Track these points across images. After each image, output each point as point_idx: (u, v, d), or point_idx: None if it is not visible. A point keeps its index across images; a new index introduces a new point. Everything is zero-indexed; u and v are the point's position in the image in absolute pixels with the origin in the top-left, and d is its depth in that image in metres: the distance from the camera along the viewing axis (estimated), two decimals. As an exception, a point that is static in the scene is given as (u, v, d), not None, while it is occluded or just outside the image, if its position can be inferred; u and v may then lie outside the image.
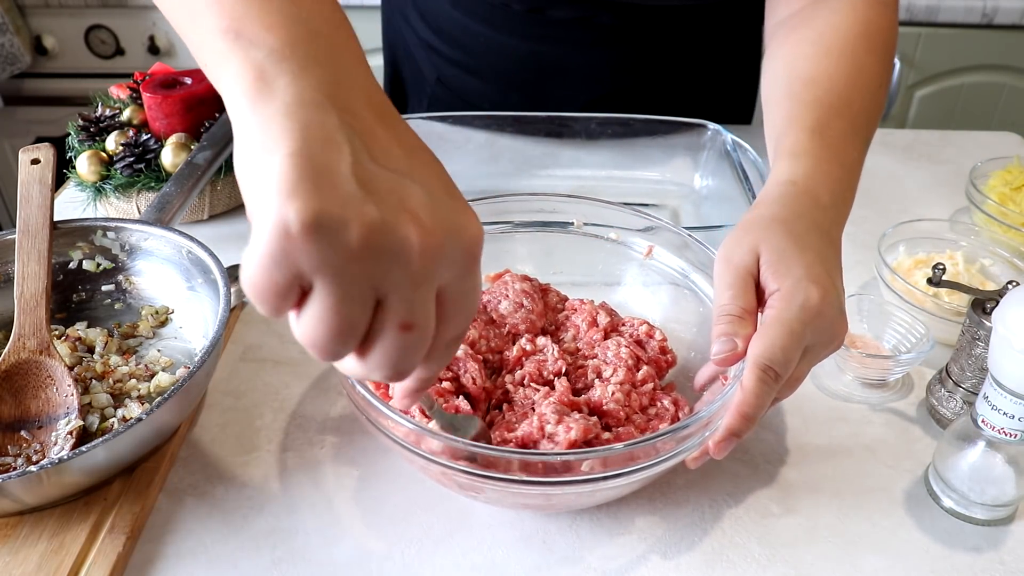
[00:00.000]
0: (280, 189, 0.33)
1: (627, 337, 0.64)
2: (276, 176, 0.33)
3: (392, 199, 0.35)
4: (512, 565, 0.55)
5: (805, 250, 0.54)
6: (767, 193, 0.60)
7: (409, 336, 0.36)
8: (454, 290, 0.38)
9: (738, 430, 0.51)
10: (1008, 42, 1.83)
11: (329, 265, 0.33)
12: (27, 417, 0.61)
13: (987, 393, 0.55)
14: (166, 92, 0.88)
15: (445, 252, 0.36)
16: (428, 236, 0.35)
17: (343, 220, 0.33)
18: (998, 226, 0.85)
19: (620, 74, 1.00)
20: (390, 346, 0.36)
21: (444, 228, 0.36)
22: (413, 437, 0.50)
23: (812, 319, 0.51)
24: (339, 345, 0.36)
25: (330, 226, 0.33)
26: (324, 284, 0.34)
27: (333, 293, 0.34)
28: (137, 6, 1.89)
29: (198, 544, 0.56)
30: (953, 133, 1.12)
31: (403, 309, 0.36)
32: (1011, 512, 0.58)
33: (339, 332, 0.35)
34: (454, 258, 0.37)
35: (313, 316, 0.35)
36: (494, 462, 0.49)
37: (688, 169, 0.93)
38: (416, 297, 0.36)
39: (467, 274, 0.38)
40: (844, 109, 0.65)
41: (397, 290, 0.35)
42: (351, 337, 0.36)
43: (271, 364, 0.71)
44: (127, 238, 0.72)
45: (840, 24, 0.70)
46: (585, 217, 0.70)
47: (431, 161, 0.39)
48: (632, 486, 0.54)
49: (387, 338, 0.36)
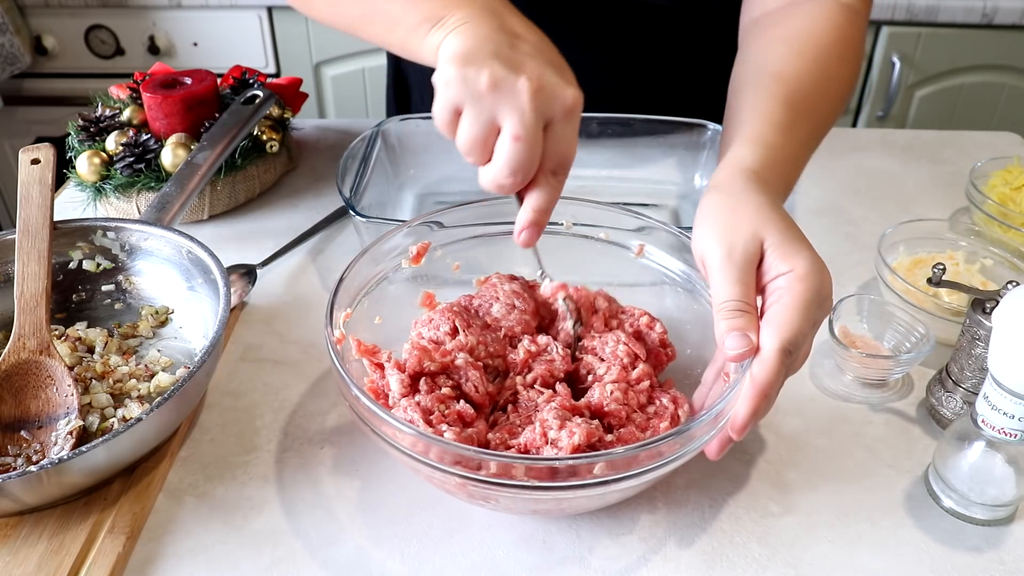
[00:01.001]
0: (448, 60, 0.54)
1: (628, 327, 0.63)
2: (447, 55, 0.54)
3: (514, 64, 0.53)
4: (512, 565, 0.55)
5: (800, 233, 0.56)
6: (728, 176, 0.59)
7: (519, 145, 0.53)
8: (557, 129, 0.55)
9: (761, 409, 0.51)
10: (1008, 42, 1.83)
11: (468, 97, 0.53)
12: (27, 417, 0.61)
13: (987, 393, 0.55)
14: (166, 92, 0.88)
15: (547, 97, 0.53)
16: (534, 84, 0.53)
17: (478, 72, 0.53)
18: (998, 226, 0.85)
19: (619, 71, 1.00)
20: (506, 151, 0.54)
21: (549, 83, 0.54)
22: (420, 446, 0.50)
23: (824, 300, 0.54)
24: (478, 150, 0.55)
25: (468, 75, 0.53)
26: (466, 109, 0.54)
27: (469, 114, 0.54)
28: (137, 6, 1.89)
29: (198, 544, 0.56)
30: (953, 133, 1.12)
31: (515, 125, 0.53)
32: (1011, 512, 0.58)
33: (475, 140, 0.54)
34: (555, 106, 0.54)
35: (462, 129, 0.55)
36: (504, 469, 0.49)
37: (688, 169, 0.93)
38: (524, 120, 0.53)
39: (567, 121, 0.55)
40: (810, 112, 0.66)
41: (511, 115, 0.53)
42: (486, 146, 0.55)
43: (271, 364, 0.71)
44: (127, 238, 0.72)
45: (815, 29, 0.70)
46: (575, 218, 0.70)
47: (551, 50, 0.58)
48: (642, 486, 0.54)
49: (503, 145, 0.54)
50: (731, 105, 0.69)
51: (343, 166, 0.81)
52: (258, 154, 0.92)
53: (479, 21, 0.56)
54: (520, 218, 0.58)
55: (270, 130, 0.93)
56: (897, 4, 1.77)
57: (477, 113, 0.53)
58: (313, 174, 0.99)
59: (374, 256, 0.64)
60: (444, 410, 0.55)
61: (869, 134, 1.12)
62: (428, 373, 0.57)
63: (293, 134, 1.02)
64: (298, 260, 0.84)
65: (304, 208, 0.92)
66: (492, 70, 0.52)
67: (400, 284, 0.67)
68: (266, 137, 0.92)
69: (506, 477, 0.49)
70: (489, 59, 0.53)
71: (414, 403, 0.55)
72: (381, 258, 0.65)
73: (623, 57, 0.98)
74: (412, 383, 0.57)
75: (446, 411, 0.55)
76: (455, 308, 0.63)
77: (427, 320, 0.62)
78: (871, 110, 1.93)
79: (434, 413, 0.55)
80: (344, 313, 0.61)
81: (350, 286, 0.62)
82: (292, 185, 0.97)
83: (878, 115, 1.93)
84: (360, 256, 0.63)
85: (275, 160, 0.95)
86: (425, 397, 0.56)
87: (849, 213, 0.93)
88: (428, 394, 0.56)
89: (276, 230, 0.88)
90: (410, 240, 0.67)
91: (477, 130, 0.54)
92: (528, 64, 0.54)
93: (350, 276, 0.61)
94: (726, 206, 0.57)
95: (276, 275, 0.82)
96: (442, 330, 0.61)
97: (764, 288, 0.54)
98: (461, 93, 0.53)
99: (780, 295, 0.53)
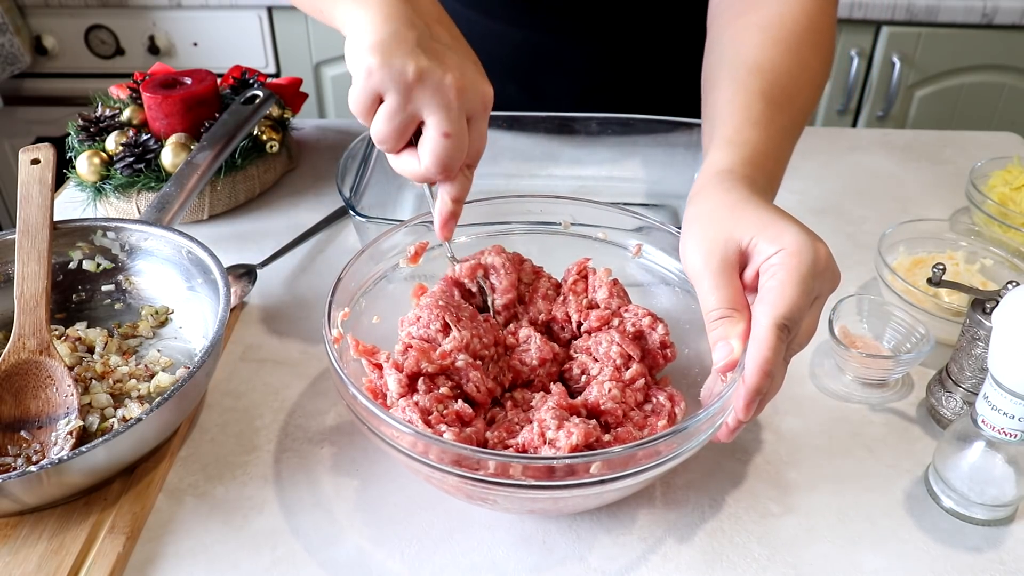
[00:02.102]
0: (370, 46, 0.53)
1: (630, 326, 0.63)
2: (369, 40, 0.53)
3: (438, 58, 0.54)
4: (512, 565, 0.55)
5: (783, 214, 0.55)
6: (706, 183, 0.59)
7: (449, 142, 0.55)
8: (476, 125, 0.57)
9: (762, 387, 0.51)
10: (1008, 42, 1.83)
11: (393, 88, 0.54)
12: (27, 417, 0.61)
13: (987, 393, 0.55)
14: (166, 92, 0.88)
15: (469, 93, 0.55)
16: (459, 80, 0.54)
17: (404, 63, 0.53)
18: (998, 226, 0.85)
19: (616, 64, 1.00)
20: (436, 147, 0.55)
21: (470, 79, 0.55)
22: (420, 447, 0.50)
23: (822, 271, 0.53)
24: (394, 140, 0.56)
25: (394, 65, 0.53)
26: (388, 99, 0.54)
27: (392, 104, 0.54)
28: (137, 6, 1.89)
29: (198, 544, 0.56)
30: (953, 133, 1.12)
31: (443, 121, 0.55)
32: (1011, 512, 0.58)
33: (395, 131, 0.56)
34: (475, 100, 0.56)
35: (381, 118, 0.55)
36: (502, 469, 0.49)
37: (688, 169, 0.93)
38: (452, 116, 0.55)
39: (483, 116, 0.58)
40: (787, 104, 0.65)
41: (438, 111, 0.54)
42: (403, 136, 0.56)
43: (271, 364, 0.71)
44: (127, 238, 0.72)
45: (787, 15, 0.69)
46: (574, 218, 0.70)
47: (465, 44, 0.59)
48: (639, 485, 0.54)
49: (433, 141, 0.55)
50: (707, 99, 0.68)
51: (343, 166, 0.81)
52: (258, 154, 0.92)
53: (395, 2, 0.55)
54: (441, 210, 0.60)
55: (270, 130, 0.93)
56: (897, 4, 1.77)
57: (400, 105, 0.54)
58: (313, 174, 0.99)
59: (372, 255, 0.64)
60: (443, 410, 0.55)
61: (869, 134, 1.12)
62: (427, 374, 0.57)
63: (293, 134, 1.02)
64: (298, 260, 0.84)
65: (304, 208, 0.92)
66: (418, 62, 0.53)
67: (398, 283, 0.67)
68: (266, 137, 0.92)
69: (504, 477, 0.49)
70: (413, 49, 0.53)
71: (412, 403, 0.55)
72: (379, 257, 0.65)
73: (623, 48, 0.98)
74: (410, 383, 0.57)
75: (444, 411, 0.55)
76: (440, 302, 0.61)
77: (415, 319, 0.61)
78: (871, 110, 1.93)
79: (432, 413, 0.55)
80: (342, 312, 0.61)
81: (348, 285, 0.62)
82: (292, 185, 0.97)
83: (878, 115, 1.93)
84: (358, 255, 0.63)
85: (275, 160, 0.95)
86: (423, 397, 0.55)
87: (849, 213, 0.93)
88: (426, 394, 0.56)
89: (276, 230, 0.88)
90: (409, 239, 0.67)
91: (399, 121, 0.55)
92: (450, 57, 0.55)
93: (348, 275, 0.61)
94: (702, 214, 0.57)
95: (276, 275, 0.82)
96: (433, 328, 0.60)
97: (759, 274, 0.54)
98: (384, 82, 0.53)
99: (774, 272, 0.52)
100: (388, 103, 0.54)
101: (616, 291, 0.65)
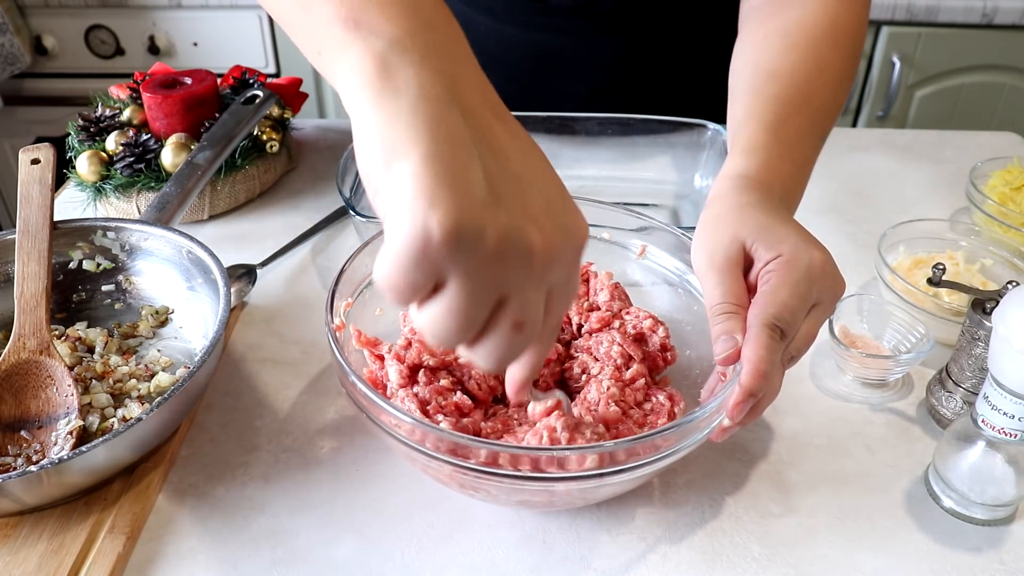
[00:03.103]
0: (419, 195, 0.34)
1: (631, 328, 0.63)
2: (413, 181, 0.34)
3: (517, 204, 0.36)
4: (512, 565, 0.55)
5: (786, 221, 0.56)
6: (720, 188, 0.60)
7: (519, 335, 0.39)
8: (561, 285, 0.40)
9: (754, 388, 0.51)
10: (1008, 42, 1.83)
11: (465, 268, 0.35)
12: (27, 417, 0.61)
13: (987, 393, 0.55)
14: (166, 92, 0.88)
15: (560, 254, 0.38)
16: (548, 241, 0.37)
17: (481, 228, 0.35)
18: (998, 226, 0.85)
19: (621, 66, 1.00)
20: (501, 342, 0.39)
21: (561, 232, 0.38)
22: (417, 434, 0.50)
23: (819, 278, 0.53)
24: (459, 338, 0.38)
25: (470, 235, 0.34)
26: (457, 284, 0.36)
27: (464, 292, 0.36)
28: (137, 6, 1.89)
29: (198, 544, 0.56)
30: (953, 133, 1.12)
31: (519, 309, 0.38)
32: (1011, 512, 0.58)
33: (462, 327, 0.37)
34: (566, 258, 0.39)
35: (441, 311, 0.37)
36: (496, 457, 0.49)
37: (688, 169, 0.93)
38: (531, 298, 0.38)
39: (574, 270, 0.41)
40: (803, 105, 0.65)
41: (518, 292, 0.38)
42: (470, 331, 0.38)
43: (271, 364, 0.71)
44: (127, 238, 0.72)
45: (807, 19, 0.70)
46: None
47: (542, 159, 0.41)
48: (635, 481, 0.54)
49: (500, 334, 0.38)
50: (729, 109, 0.69)
51: (343, 166, 0.81)
52: (258, 154, 0.92)
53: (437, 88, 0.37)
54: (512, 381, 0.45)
55: (270, 130, 0.93)
56: (897, 4, 1.77)
57: (476, 293, 0.36)
58: (313, 174, 0.99)
59: (376, 249, 0.64)
60: (442, 401, 0.56)
61: (869, 134, 1.12)
62: (428, 367, 0.58)
63: (293, 134, 1.02)
64: (298, 260, 0.84)
65: (304, 208, 0.92)
66: (496, 226, 0.35)
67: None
68: (266, 137, 0.92)
69: (494, 466, 0.49)
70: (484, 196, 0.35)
71: (412, 394, 0.55)
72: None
73: (628, 50, 0.98)
74: (411, 374, 0.57)
75: (443, 402, 0.56)
76: None
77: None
78: (871, 110, 1.93)
79: (431, 403, 0.55)
80: (345, 302, 0.61)
81: (352, 277, 0.62)
82: (292, 185, 0.97)
83: (878, 115, 1.93)
84: (363, 248, 0.63)
85: (275, 160, 0.95)
86: (423, 388, 0.56)
87: (849, 213, 0.93)
88: (426, 386, 0.56)
89: (276, 230, 0.88)
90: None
91: (471, 314, 0.37)
92: (529, 199, 0.37)
93: (352, 267, 0.61)
94: (712, 217, 0.58)
95: (276, 275, 0.82)
96: None
97: (757, 280, 0.55)
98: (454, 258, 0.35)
99: (768, 278, 0.53)
100: (457, 292, 0.36)
101: (617, 294, 0.66)
